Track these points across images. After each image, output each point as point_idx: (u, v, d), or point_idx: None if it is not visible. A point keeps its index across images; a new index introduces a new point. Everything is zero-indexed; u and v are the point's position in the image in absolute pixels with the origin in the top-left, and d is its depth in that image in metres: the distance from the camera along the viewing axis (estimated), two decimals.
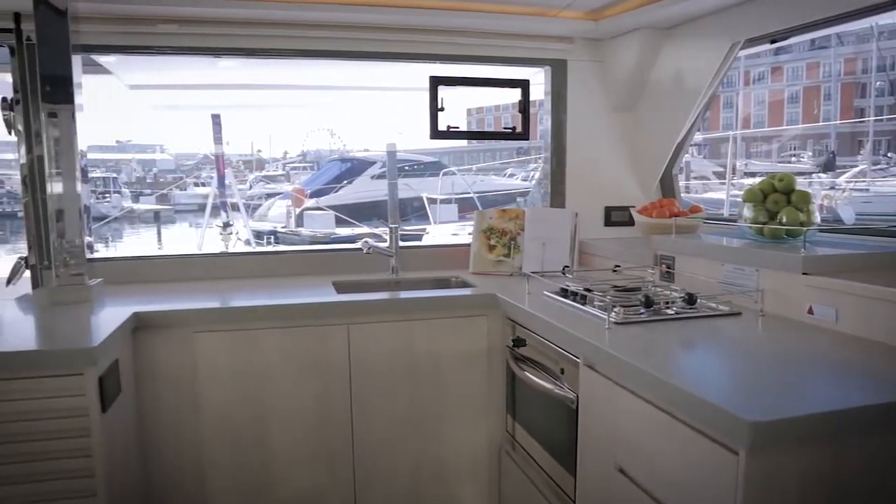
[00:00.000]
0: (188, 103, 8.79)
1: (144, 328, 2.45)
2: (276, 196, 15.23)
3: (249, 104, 12.85)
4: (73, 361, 1.98)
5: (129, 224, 18.53)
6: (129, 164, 25.81)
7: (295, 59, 3.29)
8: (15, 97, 2.87)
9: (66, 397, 1.97)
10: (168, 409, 2.54)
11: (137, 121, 26.39)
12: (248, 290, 2.91)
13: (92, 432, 2.00)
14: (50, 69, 2.60)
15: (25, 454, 1.98)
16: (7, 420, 1.96)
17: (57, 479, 2.01)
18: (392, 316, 2.68)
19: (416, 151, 15.98)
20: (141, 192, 22.67)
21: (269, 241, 11.38)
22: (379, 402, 2.70)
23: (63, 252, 2.69)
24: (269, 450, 2.62)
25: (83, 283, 2.69)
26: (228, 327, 2.54)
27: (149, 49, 3.06)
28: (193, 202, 19.73)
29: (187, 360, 2.51)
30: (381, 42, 3.22)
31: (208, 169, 23.46)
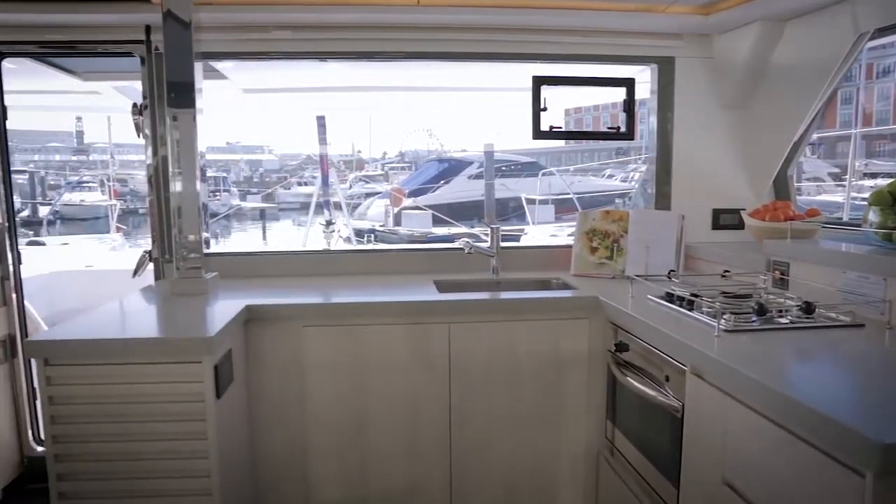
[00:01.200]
0: (294, 106, 9.12)
1: (255, 320, 2.58)
2: (375, 195, 15.60)
3: (351, 106, 13.20)
4: (192, 350, 2.11)
5: (237, 221, 19.45)
6: (237, 164, 27.15)
7: (399, 61, 3.37)
8: (144, 103, 3.10)
9: (185, 383, 2.10)
10: (275, 398, 2.66)
11: (246, 123, 27.69)
12: (351, 286, 3.01)
13: (207, 417, 2.12)
14: (175, 76, 2.77)
15: (148, 433, 2.13)
16: (132, 401, 2.12)
17: (174, 459, 2.15)
18: (493, 316, 2.69)
19: (514, 152, 15.94)
20: (248, 190, 23.79)
21: (369, 239, 11.66)
22: (477, 402, 2.71)
23: (183, 247, 2.86)
24: (369, 442, 2.70)
25: (200, 277, 2.86)
26: (334, 322, 2.63)
27: (262, 54, 3.21)
28: (296, 201, 20.52)
29: (295, 352, 2.63)
30: (484, 42, 3.24)
31: (311, 169, 24.30)
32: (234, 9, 2.93)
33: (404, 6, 2.93)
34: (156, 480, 2.15)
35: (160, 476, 2.15)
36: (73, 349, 2.11)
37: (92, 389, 2.11)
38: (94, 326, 2.34)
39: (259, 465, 2.70)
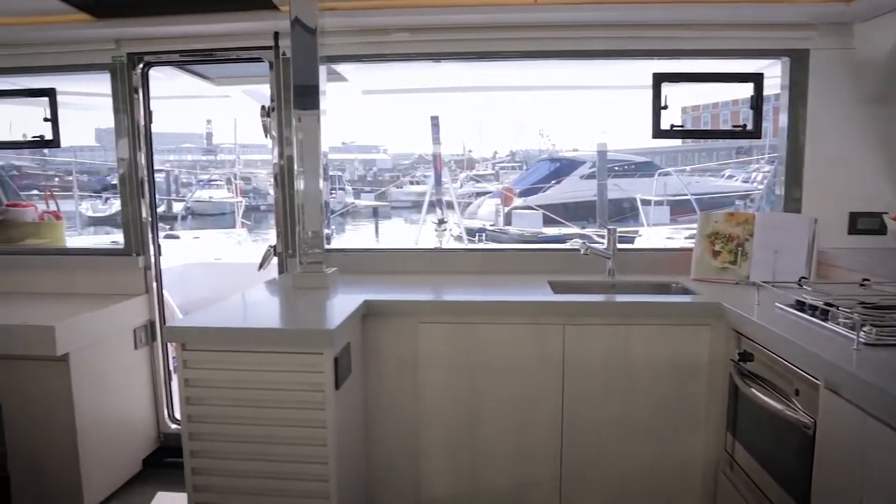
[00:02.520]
0: (408, 106, 9.29)
1: (373, 315, 2.66)
2: (485, 195, 15.64)
3: (463, 106, 13.32)
4: (314, 341, 2.21)
5: (351, 218, 20.09)
6: (352, 163, 28.05)
7: (513, 61, 3.36)
8: (271, 105, 3.26)
9: (307, 373, 2.21)
10: (390, 392, 2.74)
11: (362, 123, 28.58)
12: (465, 285, 3.04)
13: (326, 406, 2.21)
14: (301, 79, 2.91)
15: (272, 418, 2.26)
16: (259, 387, 2.25)
17: (296, 445, 2.26)
18: (609, 319, 2.64)
19: (628, 151, 15.53)
20: (362, 189, 24.50)
21: (480, 238, 11.70)
22: (591, 405, 2.67)
23: (306, 242, 2.99)
24: (479, 441, 2.72)
25: (322, 272, 2.99)
26: (449, 320, 2.67)
27: (381, 56, 3.30)
28: (408, 199, 20.93)
29: (410, 348, 2.69)
30: (602, 40, 3.17)
31: (422, 168, 24.69)
32: (355, 13, 3.03)
33: (521, 6, 2.93)
34: (278, 463, 2.27)
35: (282, 459, 2.27)
36: (207, 336, 2.27)
37: (223, 374, 2.26)
38: (226, 315, 2.50)
39: (372, 456, 2.79)
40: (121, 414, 3.33)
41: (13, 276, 3.63)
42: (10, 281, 3.64)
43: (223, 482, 2.33)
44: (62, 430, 2.96)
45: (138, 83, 3.42)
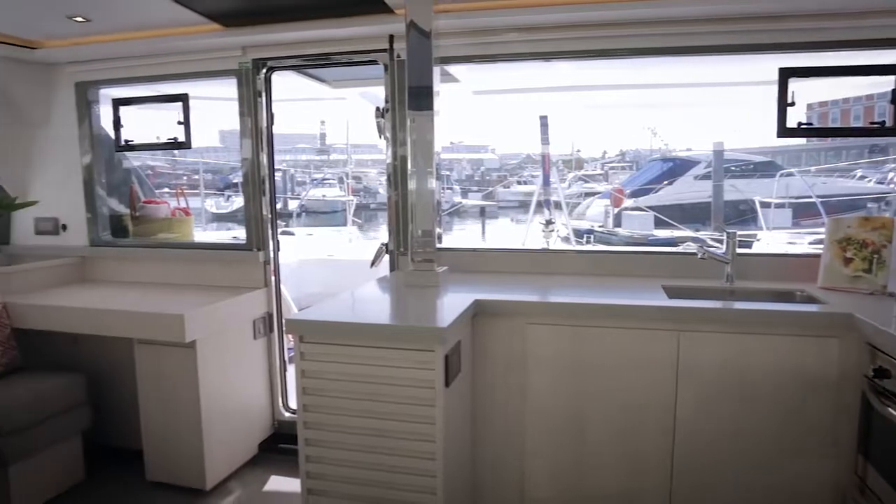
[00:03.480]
0: (517, 106, 9.28)
1: (482, 314, 2.68)
2: (594, 195, 15.33)
3: (572, 105, 13.12)
4: (427, 338, 2.25)
5: (458, 218, 20.27)
6: (459, 163, 28.24)
7: (625, 58, 3.27)
8: (386, 106, 3.35)
9: (419, 369, 2.25)
10: (497, 391, 2.75)
11: (471, 123, 28.66)
12: (574, 287, 3.00)
13: (436, 403, 2.25)
14: (416, 81, 2.97)
15: (383, 412, 2.32)
16: (371, 381, 2.32)
17: (405, 439, 2.31)
18: (727, 327, 2.51)
19: (746, 150, 14.76)
20: (469, 188, 24.65)
21: (588, 240, 11.49)
22: (705, 417, 2.56)
23: (418, 241, 3.05)
24: (586, 444, 2.68)
25: (433, 270, 3.04)
26: (559, 322, 2.64)
27: (493, 57, 3.31)
28: (515, 199, 20.87)
29: (519, 348, 2.69)
30: (722, 35, 3.02)
31: (530, 168, 24.52)
32: (469, 14, 3.06)
33: (635, 1, 2.85)
34: (387, 456, 2.33)
35: (391, 453, 2.33)
36: (323, 329, 2.36)
37: (337, 367, 2.35)
38: (341, 310, 2.60)
39: (477, 453, 2.81)
40: (240, 399, 3.52)
41: (148, 267, 3.94)
42: (145, 271, 3.95)
43: (334, 471, 2.42)
44: (189, 411, 3.18)
45: (262, 87, 3.61)
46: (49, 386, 3.22)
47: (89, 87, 3.96)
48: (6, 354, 3.30)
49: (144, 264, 3.96)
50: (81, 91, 3.96)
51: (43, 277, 3.84)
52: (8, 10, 3.16)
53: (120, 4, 3.06)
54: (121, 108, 3.84)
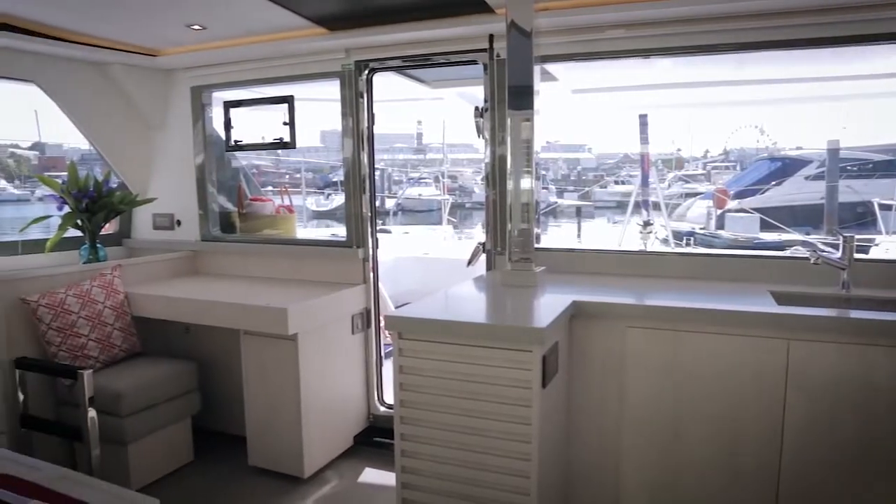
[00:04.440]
0: (615, 104, 9.06)
1: (580, 316, 2.64)
2: (695, 196, 14.79)
3: (672, 103, 12.69)
4: (524, 339, 2.24)
5: (553, 217, 20.06)
6: (555, 162, 27.95)
7: (731, 53, 3.12)
8: (485, 106, 3.35)
9: (515, 369, 2.24)
10: (594, 395, 2.70)
11: (567, 122, 28.21)
12: (674, 290, 2.90)
13: (532, 404, 2.23)
14: (516, 80, 2.96)
15: (479, 411, 2.32)
16: (468, 379, 2.33)
17: (500, 439, 2.30)
18: (844, 337, 2.34)
19: (865, 148, 13.80)
20: (565, 188, 24.36)
21: (687, 242, 11.11)
22: (818, 431, 2.40)
23: (515, 240, 3.04)
24: (685, 453, 2.58)
25: (531, 270, 3.02)
26: (659, 326, 2.56)
27: (593, 55, 3.24)
28: (612, 199, 20.45)
29: (617, 351, 2.63)
30: (840, 25, 2.82)
31: (627, 168, 23.96)
32: (569, 12, 3.02)
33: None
34: (482, 454, 2.34)
35: (486, 451, 2.33)
36: (422, 326, 2.39)
37: (434, 364, 2.37)
38: (439, 308, 2.63)
39: (572, 456, 2.77)
40: (337, 392, 3.63)
41: (253, 261, 4.12)
42: (250, 266, 4.13)
43: (428, 466, 2.44)
44: (289, 401, 3.31)
45: (363, 88, 3.69)
46: (164, 372, 3.43)
47: (203, 91, 4.18)
48: (127, 341, 3.54)
49: (250, 259, 4.14)
50: (196, 95, 4.19)
51: (159, 270, 4.09)
52: (134, 21, 3.39)
53: (234, 12, 3.22)
54: (231, 110, 4.03)
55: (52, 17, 3.33)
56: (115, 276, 3.61)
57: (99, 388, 3.05)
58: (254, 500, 3.24)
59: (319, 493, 3.29)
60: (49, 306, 3.23)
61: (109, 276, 3.59)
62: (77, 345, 3.29)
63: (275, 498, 3.24)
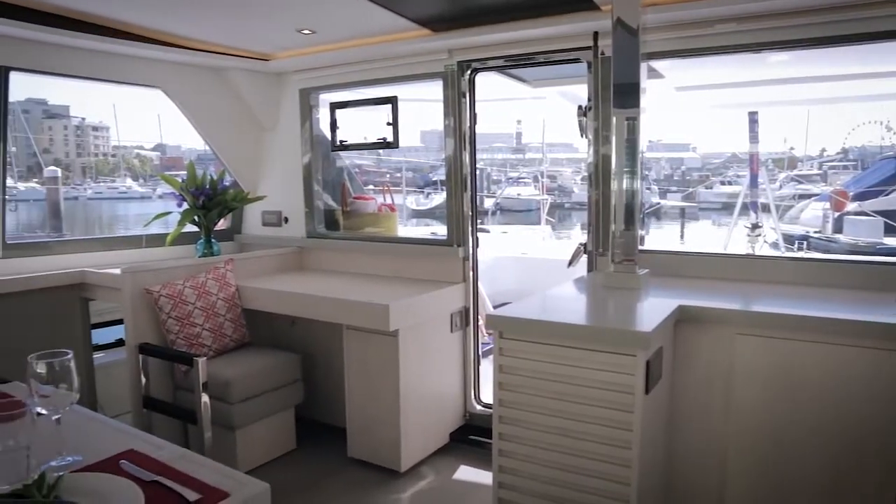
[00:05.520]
0: (721, 102, 8.70)
1: (686, 321, 2.54)
2: (810, 197, 13.96)
3: (784, 99, 12.03)
4: (628, 342, 2.18)
5: (655, 219, 19.51)
6: (658, 162, 27.16)
7: (852, 45, 2.91)
8: (588, 105, 3.30)
9: (618, 373, 2.19)
10: (698, 403, 2.60)
11: (671, 121, 27.29)
12: (786, 296, 2.74)
13: (634, 409, 2.18)
14: (621, 78, 2.89)
15: (579, 414, 2.29)
16: (568, 382, 2.30)
17: (599, 443, 2.26)
18: None
19: None
20: (668, 188, 23.64)
21: (800, 247, 10.50)
22: None
23: (619, 242, 2.97)
24: (794, 469, 2.43)
25: (634, 272, 2.94)
26: (772, 334, 2.42)
27: (701, 51, 3.12)
28: (718, 201, 19.66)
29: (724, 359, 2.52)
30: None
31: (734, 168, 22.97)
32: (678, 7, 2.92)
33: None
34: (581, 458, 2.30)
35: (585, 455, 2.30)
36: (523, 326, 2.38)
37: (534, 364, 2.36)
38: (540, 309, 2.61)
39: (673, 465, 2.68)
40: (435, 389, 3.67)
41: (356, 258, 4.24)
42: (353, 262, 4.25)
43: (525, 467, 2.43)
44: (389, 396, 3.38)
45: (466, 88, 3.72)
46: (270, 362, 3.58)
47: (311, 93, 4.34)
48: (237, 331, 3.72)
49: (353, 256, 4.26)
50: (304, 97, 4.35)
51: (267, 264, 4.28)
52: (250, 28, 3.57)
53: (341, 16, 3.32)
54: (337, 111, 4.16)
55: (175, 27, 3.55)
56: (227, 270, 3.80)
57: (211, 375, 3.23)
58: (352, 490, 3.33)
59: (416, 488, 3.34)
60: (169, 297, 3.44)
61: (222, 269, 3.79)
62: (193, 333, 3.49)
63: (372, 490, 3.32)
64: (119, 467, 1.43)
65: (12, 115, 3.44)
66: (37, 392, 1.47)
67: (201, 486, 1.33)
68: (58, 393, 1.48)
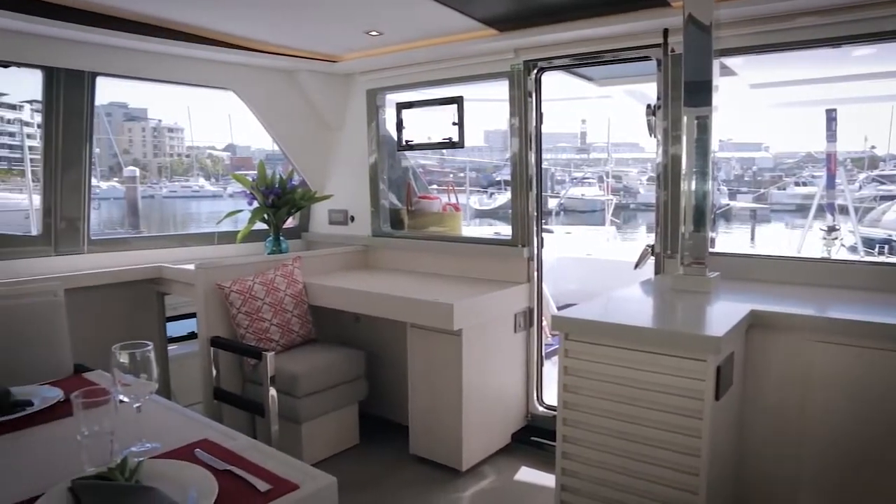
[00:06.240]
0: (800, 99, 8.37)
1: (759, 327, 2.46)
2: (893, 199, 13.27)
3: (866, 96, 11.47)
4: (697, 347, 2.13)
5: (724, 220, 18.95)
6: (728, 162, 26.36)
7: None
8: (658, 103, 3.23)
9: (687, 378, 2.14)
10: (770, 413, 2.51)
11: (742, 119, 26.38)
12: (866, 303, 2.60)
13: (704, 416, 2.12)
14: (693, 76, 2.82)
15: (645, 419, 2.25)
16: (634, 386, 2.26)
17: (667, 450, 2.21)
18: None
19: None
20: (738, 189, 22.91)
21: (881, 251, 9.99)
22: None
23: (688, 244, 2.90)
24: (875, 484, 2.32)
25: (704, 275, 2.87)
26: (852, 342, 2.31)
27: (777, 46, 3.00)
28: (791, 202, 18.94)
29: (799, 367, 2.42)
30: None
31: (809, 168, 22.11)
32: (754, 1, 2.82)
33: None
34: (646, 464, 2.26)
35: (650, 461, 2.25)
36: (589, 328, 2.36)
37: (600, 367, 2.33)
38: (606, 311, 2.58)
39: (743, 475, 2.59)
40: (497, 389, 3.66)
41: (420, 257, 4.27)
42: (417, 261, 4.28)
43: (588, 470, 2.40)
44: (451, 395, 3.39)
45: (532, 87, 3.69)
46: (335, 358, 3.65)
47: (377, 94, 4.39)
48: (303, 327, 3.80)
49: (417, 255, 4.29)
50: (371, 97, 4.41)
51: (333, 262, 4.35)
52: (319, 31, 3.65)
53: (408, 18, 3.35)
54: (403, 111, 4.20)
55: (248, 30, 3.66)
56: (295, 267, 3.89)
57: (279, 369, 3.31)
58: (414, 487, 3.35)
59: (477, 487, 3.35)
60: (239, 292, 3.55)
61: (290, 266, 3.87)
62: (261, 328, 3.58)
63: (434, 487, 3.34)
64: (194, 455, 1.48)
65: (96, 118, 3.62)
66: (120, 381, 1.54)
67: (272, 478, 1.36)
68: (138, 382, 1.55)
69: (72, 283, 3.26)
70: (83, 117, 3.56)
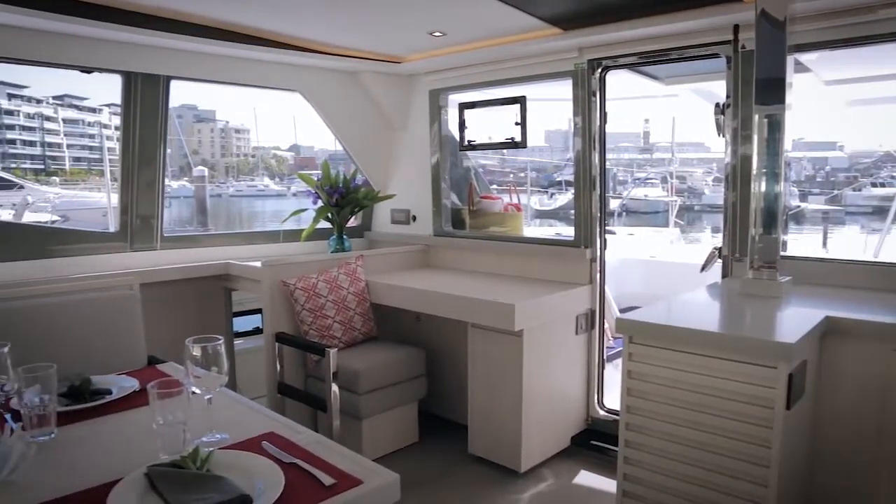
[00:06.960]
0: (879, 96, 7.99)
1: (834, 333, 2.36)
2: None
3: None
4: (768, 353, 2.06)
5: (794, 223, 18.26)
6: (799, 162, 25.35)
7: None
8: (727, 102, 3.14)
9: (757, 386, 2.07)
10: (846, 424, 2.40)
11: (815, 117, 25.31)
12: None
13: (774, 425, 2.05)
14: (765, 73, 2.73)
15: (712, 426, 2.19)
16: (701, 392, 2.21)
17: (734, 459, 2.15)
18: None
19: None
20: (809, 190, 22.04)
21: None
22: None
23: (758, 247, 2.80)
24: None
25: (775, 280, 2.77)
26: None
27: (856, 40, 2.87)
28: (868, 204, 18.09)
29: (879, 378, 2.31)
30: None
31: (888, 168, 21.11)
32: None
33: None
34: (711, 473, 2.20)
35: (716, 470, 2.19)
36: (654, 332, 2.31)
37: (664, 371, 2.28)
38: (672, 314, 2.52)
39: (814, 490, 2.49)
40: (558, 391, 3.63)
41: (481, 257, 4.27)
42: (478, 261, 4.29)
43: (652, 477, 2.36)
44: (511, 396, 3.38)
45: (596, 87, 3.65)
46: (396, 356, 3.68)
47: (440, 94, 4.42)
48: (365, 325, 3.85)
49: (478, 254, 4.30)
50: (434, 97, 4.43)
51: (395, 261, 4.40)
52: (383, 32, 3.70)
53: (472, 18, 3.35)
54: (465, 111, 4.21)
55: (313, 33, 3.73)
56: (358, 266, 3.95)
57: (341, 365, 3.36)
58: (472, 487, 3.36)
59: (535, 490, 3.32)
60: (304, 289, 3.62)
61: (353, 265, 3.93)
62: (324, 325, 3.65)
63: (492, 488, 3.33)
64: (261, 448, 1.52)
65: (169, 120, 3.76)
66: (192, 373, 1.59)
67: (336, 472, 1.39)
68: (209, 375, 1.60)
69: (146, 278, 3.40)
70: (158, 119, 3.70)
